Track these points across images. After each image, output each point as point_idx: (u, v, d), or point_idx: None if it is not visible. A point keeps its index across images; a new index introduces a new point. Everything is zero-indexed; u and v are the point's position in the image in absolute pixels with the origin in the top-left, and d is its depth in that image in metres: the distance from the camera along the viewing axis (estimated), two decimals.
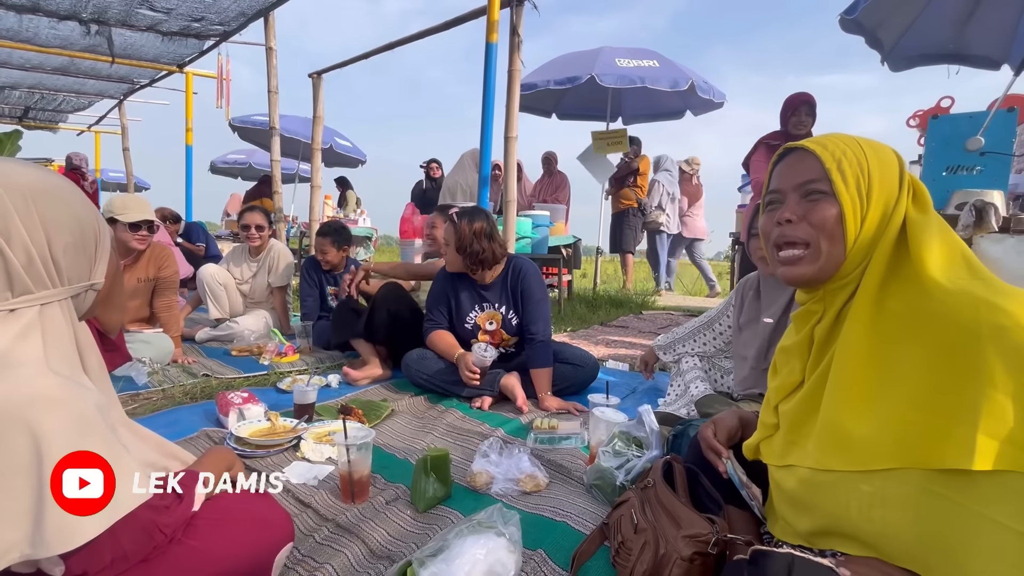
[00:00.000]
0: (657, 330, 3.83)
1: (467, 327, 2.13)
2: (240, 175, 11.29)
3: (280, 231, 4.79)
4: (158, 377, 2.20)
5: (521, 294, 2.06)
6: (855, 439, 0.66)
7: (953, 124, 2.29)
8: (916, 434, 0.60)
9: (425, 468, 1.23)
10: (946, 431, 0.58)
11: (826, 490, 0.70)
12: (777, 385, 0.83)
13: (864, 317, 0.69)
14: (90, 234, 0.77)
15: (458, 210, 2.11)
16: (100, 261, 0.80)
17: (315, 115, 4.93)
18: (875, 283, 0.70)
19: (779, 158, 0.79)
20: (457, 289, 2.14)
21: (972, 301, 0.60)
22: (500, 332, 2.12)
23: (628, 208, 5.82)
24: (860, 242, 0.71)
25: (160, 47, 5.36)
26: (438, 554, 0.83)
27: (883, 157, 0.73)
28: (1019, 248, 2.03)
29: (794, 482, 0.75)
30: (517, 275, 2.07)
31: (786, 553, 0.64)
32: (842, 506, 0.67)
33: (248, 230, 3.01)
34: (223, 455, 1.00)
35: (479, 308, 2.13)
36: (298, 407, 1.75)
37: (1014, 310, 0.56)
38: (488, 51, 3.21)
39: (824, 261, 0.72)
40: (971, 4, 3.72)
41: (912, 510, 0.60)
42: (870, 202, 0.71)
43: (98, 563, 0.66)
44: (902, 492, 0.61)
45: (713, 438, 0.93)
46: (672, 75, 5.27)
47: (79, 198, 0.77)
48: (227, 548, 0.82)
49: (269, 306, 3.18)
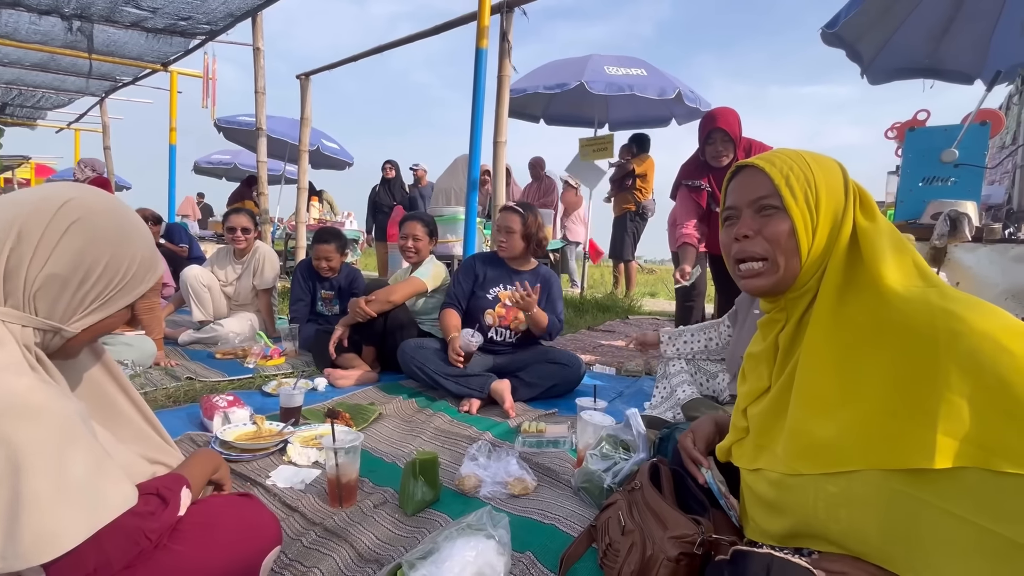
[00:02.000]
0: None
1: (488, 297, 2.26)
2: (224, 175, 11.14)
3: (265, 232, 4.75)
4: (140, 380, 2.17)
5: (548, 296, 2.30)
6: (820, 443, 0.68)
7: (929, 136, 2.37)
8: (878, 436, 0.63)
9: (413, 471, 1.23)
10: (907, 433, 0.60)
11: (795, 492, 0.72)
12: (746, 390, 0.86)
13: (824, 324, 0.73)
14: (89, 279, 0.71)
15: (514, 204, 2.29)
16: (91, 313, 0.73)
17: (302, 117, 4.90)
18: (832, 291, 0.73)
19: (732, 175, 0.84)
20: (487, 268, 2.33)
21: (928, 308, 0.63)
22: (516, 311, 2.22)
23: (626, 212, 5.61)
24: (814, 252, 0.75)
25: (144, 45, 5.29)
26: (428, 557, 0.83)
27: (827, 169, 0.76)
28: (991, 257, 2.10)
29: (764, 485, 0.78)
30: (547, 279, 2.34)
31: (765, 553, 0.66)
32: (810, 507, 0.70)
33: (234, 232, 2.98)
34: (209, 458, 0.99)
35: (505, 286, 2.27)
36: (284, 410, 1.73)
37: (967, 316, 0.60)
38: (478, 56, 3.23)
39: (782, 273, 0.76)
40: (946, 20, 3.85)
41: (877, 508, 0.62)
42: (819, 213, 0.74)
43: (81, 571, 0.65)
44: (867, 491, 0.63)
45: (692, 447, 0.96)
46: (660, 83, 5.34)
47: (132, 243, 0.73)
48: (214, 553, 0.81)
49: (254, 308, 3.14)
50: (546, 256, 4.70)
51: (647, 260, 19.48)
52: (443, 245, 4.18)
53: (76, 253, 0.70)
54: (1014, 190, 2.96)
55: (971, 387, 0.56)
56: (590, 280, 6.88)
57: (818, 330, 0.73)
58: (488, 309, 2.25)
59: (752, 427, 0.84)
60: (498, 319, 2.26)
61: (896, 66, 4.20)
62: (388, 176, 6.09)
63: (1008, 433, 0.53)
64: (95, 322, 0.75)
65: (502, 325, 2.26)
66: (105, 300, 0.74)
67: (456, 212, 4.17)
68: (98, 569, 0.66)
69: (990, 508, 0.54)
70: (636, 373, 2.64)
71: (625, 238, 5.66)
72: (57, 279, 0.69)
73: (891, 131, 2.56)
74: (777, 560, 0.65)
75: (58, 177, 11.38)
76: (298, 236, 5.01)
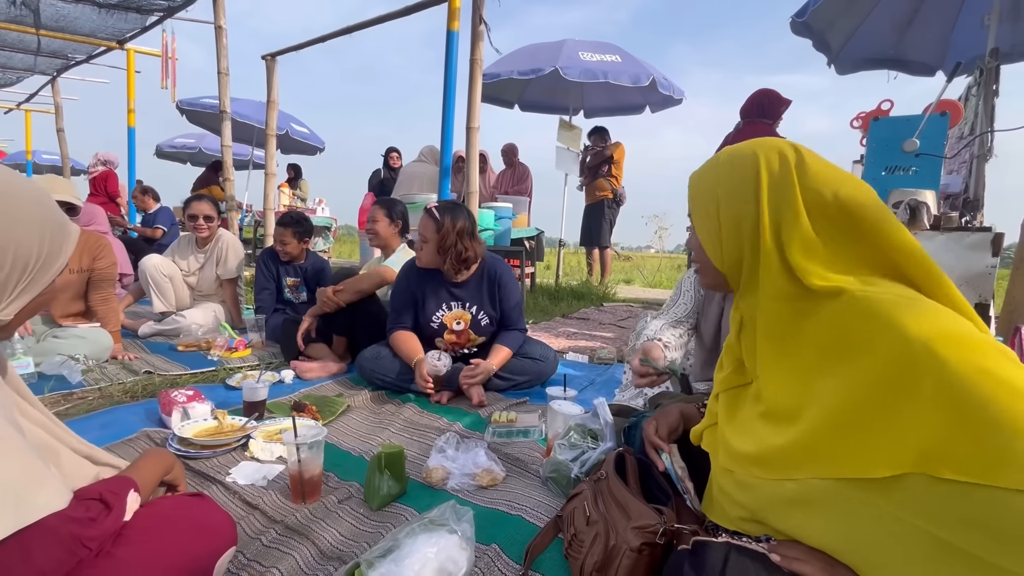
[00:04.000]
0: (618, 322, 3.89)
1: (432, 326, 2.05)
2: (189, 160, 10.73)
3: (232, 220, 4.59)
4: (94, 375, 2.08)
5: (500, 298, 2.05)
6: (773, 451, 0.69)
7: (892, 126, 2.42)
8: (825, 449, 0.63)
9: (379, 465, 1.21)
10: (852, 444, 0.60)
11: (753, 491, 0.73)
12: (721, 378, 0.87)
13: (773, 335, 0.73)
14: (17, 265, 0.68)
15: (437, 204, 2.00)
16: (17, 298, 0.70)
17: (269, 99, 4.72)
18: (771, 293, 0.72)
19: None
20: (424, 286, 2.05)
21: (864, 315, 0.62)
22: (467, 332, 2.06)
23: (604, 199, 5.58)
24: (728, 259, 0.76)
25: (97, 21, 5.00)
26: (387, 554, 0.82)
27: (734, 175, 0.74)
28: (948, 245, 2.17)
29: (727, 480, 0.79)
30: (494, 277, 2.05)
31: (723, 543, 0.67)
32: (767, 505, 0.71)
33: (195, 220, 2.86)
34: (160, 458, 0.95)
35: (447, 307, 2.05)
36: (247, 404, 1.68)
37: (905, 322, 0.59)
38: (449, 39, 3.15)
39: (710, 278, 0.82)
40: (911, 12, 3.94)
41: (828, 511, 0.63)
42: (721, 227, 0.75)
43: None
44: (819, 495, 0.64)
45: (654, 434, 0.98)
46: (634, 70, 5.33)
47: (31, 224, 0.69)
48: (161, 558, 0.77)
49: (219, 299, 3.04)
50: (482, 249, 4.67)
51: (623, 247, 19.67)
52: (413, 232, 4.11)
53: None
54: (971, 179, 3.06)
55: (912, 394, 0.56)
56: (565, 267, 6.91)
57: (768, 341, 0.74)
58: (436, 338, 2.06)
59: (720, 419, 0.85)
60: (451, 346, 2.08)
61: (862, 56, 4.29)
62: (394, 165, 6.07)
63: (950, 440, 0.52)
64: (24, 305, 0.73)
65: (456, 347, 2.10)
66: (28, 281, 0.71)
67: (428, 199, 4.10)
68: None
69: (933, 513, 0.54)
70: (608, 361, 2.66)
71: (603, 224, 5.66)
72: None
73: (856, 120, 2.61)
74: (735, 548, 0.67)
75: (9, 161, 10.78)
76: (266, 223, 4.85)
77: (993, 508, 0.50)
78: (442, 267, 2.00)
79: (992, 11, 3.14)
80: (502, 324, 2.10)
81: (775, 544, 0.68)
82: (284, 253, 2.81)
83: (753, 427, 0.75)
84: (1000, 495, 0.49)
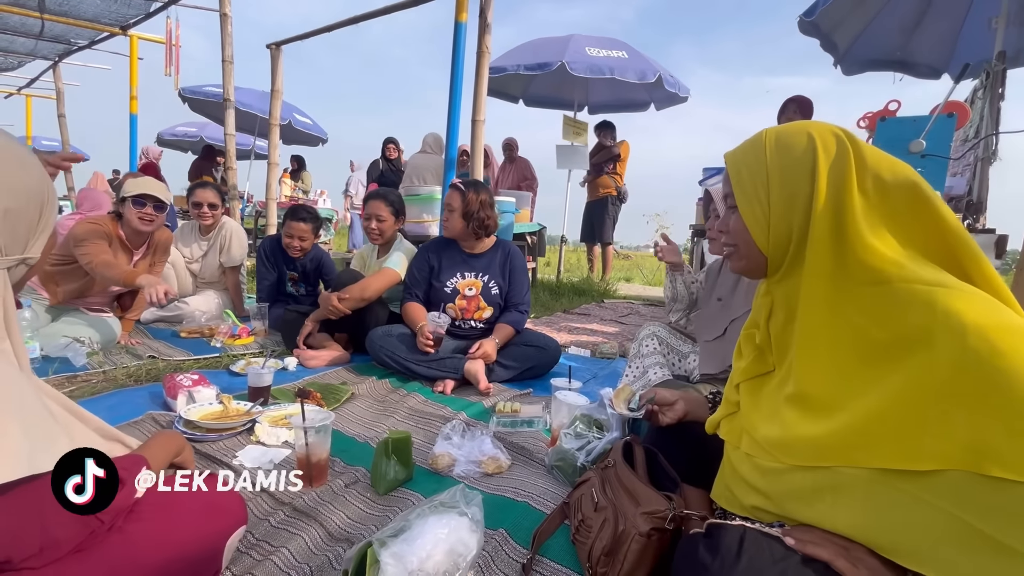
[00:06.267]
0: (619, 318, 3.90)
1: (446, 290, 2.17)
2: (191, 149, 10.67)
3: (234, 210, 4.58)
4: (98, 358, 2.08)
5: (510, 271, 2.23)
6: (807, 440, 0.68)
7: (899, 126, 2.42)
8: (865, 439, 0.62)
9: (386, 450, 1.21)
10: (895, 436, 0.59)
11: (775, 476, 0.73)
12: (742, 367, 0.86)
13: (815, 324, 0.70)
14: (35, 205, 0.72)
15: (461, 181, 2.20)
16: (40, 236, 0.74)
17: (273, 89, 4.69)
18: (817, 281, 0.69)
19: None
20: (442, 255, 2.23)
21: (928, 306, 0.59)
22: (478, 299, 2.17)
23: (607, 196, 5.58)
24: (774, 242, 0.73)
25: (101, 6, 4.97)
26: (399, 534, 0.82)
27: (788, 148, 0.71)
28: None
29: (747, 467, 0.78)
30: (507, 253, 2.26)
31: (738, 525, 0.67)
32: (789, 490, 0.70)
33: (200, 208, 2.85)
34: (171, 440, 0.96)
35: (462, 274, 2.19)
36: (252, 390, 1.68)
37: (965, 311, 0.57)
38: (457, 31, 3.13)
39: (747, 262, 0.78)
40: (918, 14, 3.93)
41: (857, 497, 0.62)
42: (771, 204, 0.72)
43: (22, 550, 0.61)
44: (850, 482, 0.63)
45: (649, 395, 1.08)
46: (640, 67, 5.32)
47: (35, 166, 0.73)
48: (172, 534, 0.78)
49: (221, 287, 3.04)
50: (490, 231, 4.67)
51: (622, 246, 19.63)
52: (419, 225, 4.10)
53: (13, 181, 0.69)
54: (975, 182, 3.07)
55: (965, 389, 0.55)
56: (566, 264, 6.91)
57: (809, 328, 0.71)
58: (448, 302, 2.17)
59: (743, 407, 0.84)
60: (460, 311, 2.19)
61: (869, 57, 4.28)
62: (390, 156, 6.08)
63: (1002, 440, 0.52)
64: (44, 243, 0.76)
65: (465, 317, 2.20)
66: (48, 217, 0.75)
67: (432, 191, 4.09)
68: (44, 549, 0.63)
69: (973, 504, 0.54)
70: (610, 355, 2.67)
71: (606, 221, 5.67)
72: (11, 212, 0.69)
73: (863, 120, 2.61)
74: (750, 531, 0.66)
75: None
76: (268, 214, 4.84)
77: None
78: (466, 233, 2.18)
79: (1000, 14, 3.14)
80: (508, 300, 2.22)
81: (789, 528, 0.68)
82: (299, 249, 2.72)
83: (781, 413, 0.73)
84: None
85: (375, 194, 2.48)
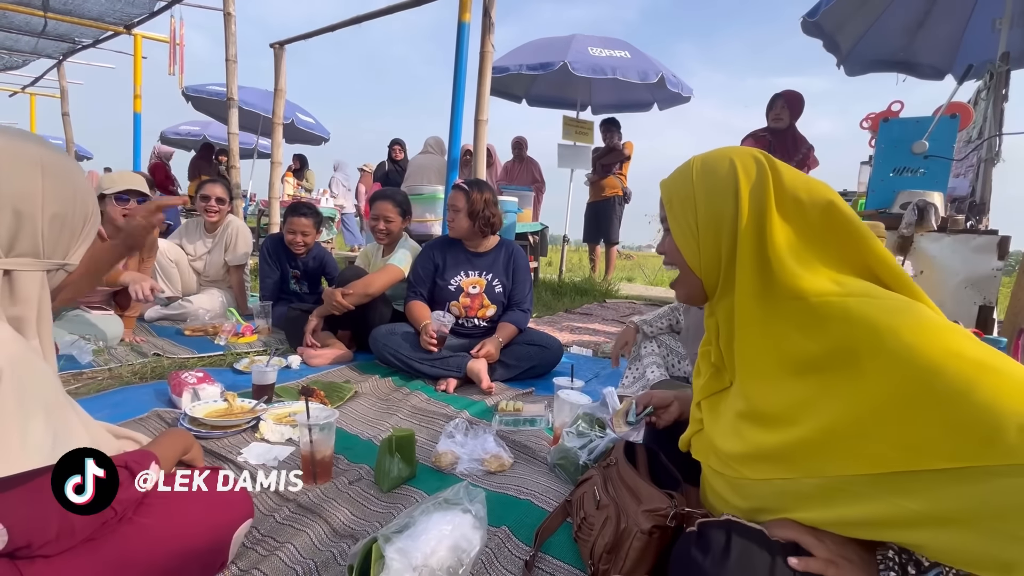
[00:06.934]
0: (621, 318, 3.91)
1: (450, 288, 2.19)
2: (194, 147, 10.69)
3: (238, 208, 4.59)
4: (103, 356, 2.09)
5: (514, 270, 2.25)
6: (763, 453, 0.71)
7: (902, 127, 2.42)
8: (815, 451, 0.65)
9: (390, 448, 1.22)
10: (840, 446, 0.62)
11: (744, 490, 0.76)
12: (700, 385, 0.89)
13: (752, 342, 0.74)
14: (81, 214, 0.75)
15: (464, 181, 2.22)
16: (82, 244, 0.77)
17: (277, 88, 4.71)
18: (748, 299, 0.73)
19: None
20: (446, 254, 2.24)
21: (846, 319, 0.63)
22: (482, 297, 2.19)
23: (613, 196, 5.56)
24: (706, 265, 0.77)
25: (105, 5, 4.99)
26: (404, 530, 0.83)
27: (712, 173, 0.75)
28: (953, 247, 2.18)
29: (720, 482, 0.82)
30: (511, 252, 2.28)
31: (724, 521, 0.71)
32: (758, 503, 0.74)
33: (208, 201, 2.85)
34: (180, 437, 0.97)
35: (466, 273, 2.21)
36: (257, 388, 1.70)
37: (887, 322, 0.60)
38: (460, 31, 3.14)
39: (688, 289, 0.82)
40: (922, 14, 3.93)
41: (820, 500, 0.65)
42: (699, 228, 0.76)
43: (43, 535, 0.64)
44: (808, 489, 0.66)
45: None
46: (643, 67, 5.31)
47: (83, 178, 0.76)
48: (180, 527, 0.80)
49: (225, 285, 3.05)
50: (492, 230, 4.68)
51: (623, 246, 19.59)
52: (422, 224, 4.11)
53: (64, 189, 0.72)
54: (978, 183, 3.06)
55: (894, 392, 0.58)
56: (568, 264, 6.91)
57: (747, 346, 0.75)
58: (452, 301, 2.19)
59: (705, 424, 0.87)
60: (464, 309, 2.20)
61: (872, 58, 4.28)
62: (396, 157, 6.11)
63: (940, 434, 0.55)
64: (84, 252, 0.79)
65: (468, 315, 2.22)
66: (92, 225, 0.78)
67: (436, 191, 4.10)
68: (60, 536, 0.65)
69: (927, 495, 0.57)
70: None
71: (613, 221, 5.66)
72: (58, 218, 0.72)
73: (866, 121, 2.61)
74: (735, 524, 0.70)
75: None
76: (271, 213, 4.86)
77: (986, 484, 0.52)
78: (472, 232, 2.19)
79: (1004, 15, 3.14)
80: (511, 299, 2.24)
81: (768, 522, 0.71)
82: (302, 245, 2.74)
83: (738, 429, 0.76)
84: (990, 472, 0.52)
85: (382, 195, 2.48)
